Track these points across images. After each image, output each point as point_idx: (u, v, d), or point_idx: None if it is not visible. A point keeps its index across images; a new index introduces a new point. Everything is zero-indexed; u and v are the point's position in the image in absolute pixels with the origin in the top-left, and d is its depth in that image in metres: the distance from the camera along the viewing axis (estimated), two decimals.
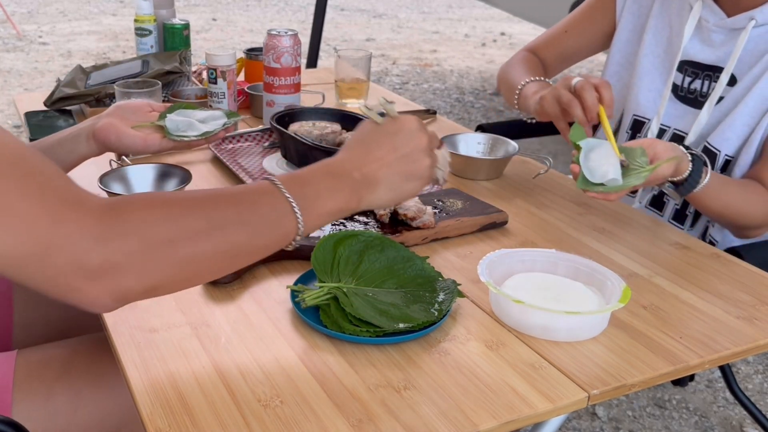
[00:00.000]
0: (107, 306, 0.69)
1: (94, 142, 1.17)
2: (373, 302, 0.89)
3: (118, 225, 0.67)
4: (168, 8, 1.87)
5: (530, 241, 1.13)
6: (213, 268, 0.75)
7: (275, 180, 0.80)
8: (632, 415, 1.97)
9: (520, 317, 0.89)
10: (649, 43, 1.41)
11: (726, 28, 1.29)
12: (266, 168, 1.35)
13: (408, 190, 0.89)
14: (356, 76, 1.78)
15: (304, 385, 0.78)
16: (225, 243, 0.74)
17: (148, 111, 1.24)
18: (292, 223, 0.78)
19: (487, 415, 0.74)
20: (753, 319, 0.94)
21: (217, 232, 0.73)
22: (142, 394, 0.76)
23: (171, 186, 1.19)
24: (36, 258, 0.64)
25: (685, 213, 1.36)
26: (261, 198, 0.78)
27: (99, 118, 1.19)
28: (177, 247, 0.70)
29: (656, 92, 1.40)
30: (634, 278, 1.03)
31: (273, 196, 0.78)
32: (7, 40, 5.82)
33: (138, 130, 1.20)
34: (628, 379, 0.81)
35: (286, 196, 0.78)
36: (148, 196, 0.74)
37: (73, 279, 0.65)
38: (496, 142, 1.44)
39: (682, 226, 1.37)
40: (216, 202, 0.75)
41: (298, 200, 0.79)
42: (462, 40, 6.53)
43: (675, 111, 1.37)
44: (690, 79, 1.35)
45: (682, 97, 1.36)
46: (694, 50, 1.34)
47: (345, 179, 0.84)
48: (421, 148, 0.88)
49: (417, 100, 4.64)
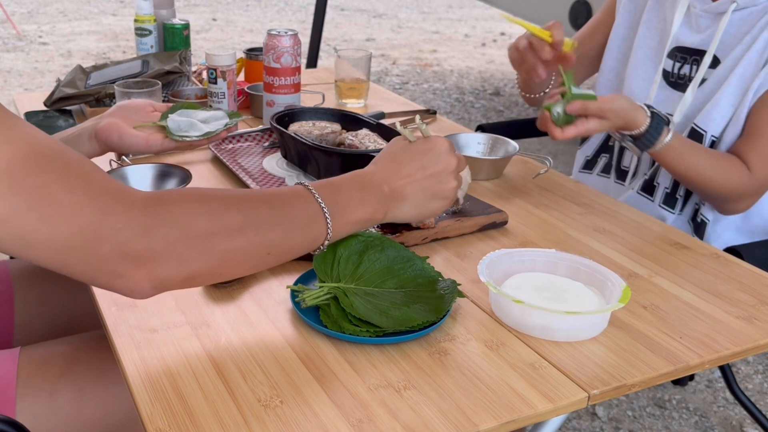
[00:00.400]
0: (146, 292, 0.73)
1: (96, 141, 1.18)
2: (373, 302, 0.89)
3: (160, 216, 0.71)
4: (168, 8, 1.87)
5: (530, 241, 1.13)
6: (247, 263, 0.79)
7: (309, 186, 0.83)
8: (632, 415, 1.97)
9: (520, 317, 0.89)
10: (643, 35, 1.46)
11: (711, 12, 1.36)
12: (266, 168, 1.35)
13: (432, 209, 0.94)
14: (356, 76, 1.78)
15: (304, 385, 0.78)
16: (259, 240, 0.78)
17: (150, 111, 1.25)
18: (322, 227, 0.83)
19: (487, 415, 0.74)
20: (753, 319, 0.94)
21: (252, 229, 0.77)
22: (142, 394, 0.76)
23: (170, 186, 1.19)
24: (82, 247, 0.68)
25: (675, 196, 1.40)
26: (295, 201, 0.82)
27: (101, 118, 1.20)
28: (215, 239, 0.74)
29: (649, 80, 1.45)
30: (634, 278, 1.03)
31: (306, 200, 0.82)
32: (7, 40, 5.82)
33: (140, 130, 1.21)
34: (628, 379, 0.81)
35: (318, 201, 0.83)
36: (189, 191, 0.78)
37: (116, 265, 0.69)
38: (496, 142, 1.44)
39: (672, 209, 1.41)
40: (252, 201, 0.79)
41: (330, 206, 0.83)
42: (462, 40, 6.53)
43: (666, 96, 1.41)
44: (679, 64, 1.40)
45: (672, 82, 1.41)
46: (683, 36, 1.40)
47: (375, 192, 0.88)
48: (449, 170, 0.93)
49: (417, 100, 4.64)
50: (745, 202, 1.33)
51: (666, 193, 1.42)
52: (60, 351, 1.01)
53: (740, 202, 1.33)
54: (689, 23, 1.39)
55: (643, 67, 1.45)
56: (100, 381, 0.97)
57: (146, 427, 0.71)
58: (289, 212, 0.81)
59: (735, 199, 1.32)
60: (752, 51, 1.29)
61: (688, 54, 1.39)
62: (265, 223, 0.78)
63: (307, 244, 0.84)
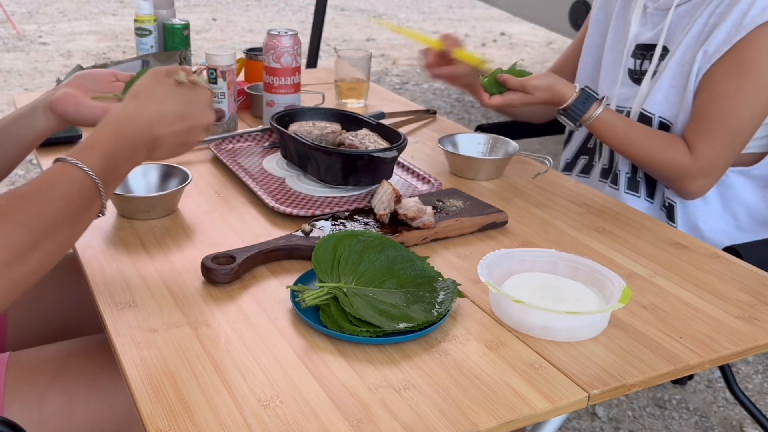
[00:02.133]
0: None
1: (51, 114, 1.06)
2: (373, 302, 0.89)
3: None
4: (168, 8, 1.87)
5: (530, 241, 1.13)
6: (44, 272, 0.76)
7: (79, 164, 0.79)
8: (632, 415, 1.97)
9: (520, 317, 0.89)
10: (611, 41, 1.54)
11: (660, 9, 1.44)
12: (266, 168, 1.35)
13: (177, 154, 0.94)
14: (356, 76, 1.78)
15: (304, 385, 0.78)
16: (53, 247, 0.75)
17: (111, 81, 1.13)
18: (98, 201, 0.81)
19: (487, 415, 0.74)
20: (753, 319, 0.94)
21: (43, 241, 0.74)
22: (142, 394, 0.76)
23: (171, 186, 1.19)
24: None
25: (636, 179, 1.47)
26: (70, 187, 0.78)
27: (57, 88, 1.09)
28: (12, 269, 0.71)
29: (616, 80, 1.51)
30: (634, 278, 1.03)
31: (81, 183, 0.79)
32: (7, 40, 5.82)
33: (99, 101, 1.08)
34: (628, 379, 0.81)
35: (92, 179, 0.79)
36: None
37: None
38: (496, 142, 1.44)
39: (637, 193, 1.47)
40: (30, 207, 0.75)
41: (103, 178, 0.81)
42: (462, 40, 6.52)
43: (628, 92, 1.48)
44: (639, 60, 1.47)
45: (636, 79, 1.48)
46: (641, 34, 1.47)
47: (140, 145, 0.87)
48: (205, 125, 0.94)
49: (417, 100, 4.64)
50: (693, 183, 1.36)
51: (628, 178, 1.47)
52: (50, 357, 0.99)
53: (686, 182, 1.36)
54: (645, 22, 1.47)
55: (612, 69, 1.52)
56: (92, 389, 0.96)
57: (146, 427, 0.71)
58: (71, 204, 0.77)
59: (679, 179, 1.36)
60: (689, 36, 1.36)
61: (645, 50, 1.46)
62: (52, 227, 0.75)
63: (87, 223, 0.82)
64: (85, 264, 1.01)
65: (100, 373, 0.97)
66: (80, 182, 0.79)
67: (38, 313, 1.19)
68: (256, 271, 1.01)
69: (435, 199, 1.20)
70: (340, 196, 1.24)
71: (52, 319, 1.20)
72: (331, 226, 1.09)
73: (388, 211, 1.10)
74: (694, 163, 1.33)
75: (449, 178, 1.37)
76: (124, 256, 1.04)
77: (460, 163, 1.38)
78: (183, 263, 1.02)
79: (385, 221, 1.10)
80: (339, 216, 1.12)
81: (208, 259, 0.97)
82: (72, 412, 0.93)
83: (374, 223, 1.11)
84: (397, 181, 1.33)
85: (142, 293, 0.94)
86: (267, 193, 1.22)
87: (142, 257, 1.03)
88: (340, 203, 1.21)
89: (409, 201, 1.12)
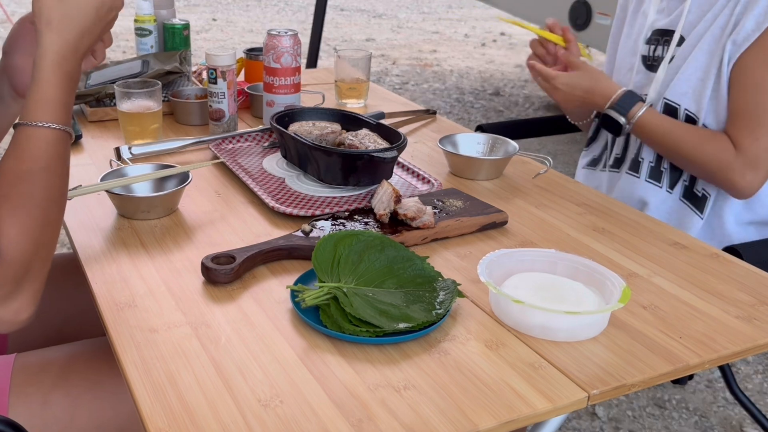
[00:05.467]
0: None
1: (21, 98, 1.03)
2: (373, 302, 0.89)
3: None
4: (168, 8, 1.87)
5: (530, 241, 1.13)
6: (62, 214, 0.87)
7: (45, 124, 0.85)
8: (632, 415, 1.97)
9: (519, 317, 0.89)
10: (628, 28, 1.56)
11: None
12: (266, 168, 1.35)
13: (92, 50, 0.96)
14: (356, 76, 1.78)
15: (304, 385, 0.78)
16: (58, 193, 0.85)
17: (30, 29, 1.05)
18: (71, 135, 0.88)
19: (486, 415, 0.75)
20: (752, 319, 0.95)
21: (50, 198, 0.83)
22: (142, 394, 0.76)
23: (171, 186, 1.19)
24: None
25: (660, 169, 1.46)
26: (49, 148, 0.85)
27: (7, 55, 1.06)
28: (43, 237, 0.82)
29: (631, 68, 1.53)
30: (634, 278, 1.03)
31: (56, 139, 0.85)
32: None
33: None
34: (628, 379, 0.82)
35: (62, 130, 0.86)
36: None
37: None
38: (496, 142, 1.44)
39: (659, 183, 1.46)
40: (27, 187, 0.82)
41: (66, 120, 0.86)
42: (462, 40, 6.53)
43: (644, 79, 1.49)
44: (653, 47, 1.48)
45: (649, 65, 1.49)
46: (658, 20, 1.49)
47: (74, 71, 0.89)
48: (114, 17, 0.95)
49: (417, 100, 4.64)
50: (742, 177, 1.31)
51: (651, 167, 1.47)
52: (55, 359, 1.00)
53: (734, 177, 1.32)
54: (660, 7, 1.49)
55: (629, 56, 1.54)
56: (95, 391, 0.96)
57: (146, 427, 0.71)
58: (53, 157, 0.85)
59: (725, 175, 1.32)
60: (715, 26, 1.36)
61: (660, 36, 1.47)
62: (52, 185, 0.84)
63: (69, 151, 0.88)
64: (85, 264, 1.01)
65: (104, 376, 0.97)
66: (54, 139, 0.85)
67: (40, 316, 1.19)
68: (256, 271, 1.01)
69: (435, 199, 1.20)
70: (340, 196, 1.24)
71: (54, 323, 1.20)
72: (331, 226, 1.09)
73: (388, 211, 1.10)
74: (739, 156, 1.31)
75: (449, 178, 1.37)
76: (124, 256, 1.04)
77: (460, 163, 1.38)
78: (183, 263, 1.02)
79: (385, 221, 1.10)
80: (339, 216, 1.12)
81: (208, 259, 0.97)
82: (75, 414, 0.94)
83: (374, 223, 1.11)
84: (397, 181, 1.33)
85: (142, 293, 0.94)
86: (267, 193, 1.22)
87: (142, 257, 1.03)
88: (340, 203, 1.21)
89: (409, 201, 1.12)
